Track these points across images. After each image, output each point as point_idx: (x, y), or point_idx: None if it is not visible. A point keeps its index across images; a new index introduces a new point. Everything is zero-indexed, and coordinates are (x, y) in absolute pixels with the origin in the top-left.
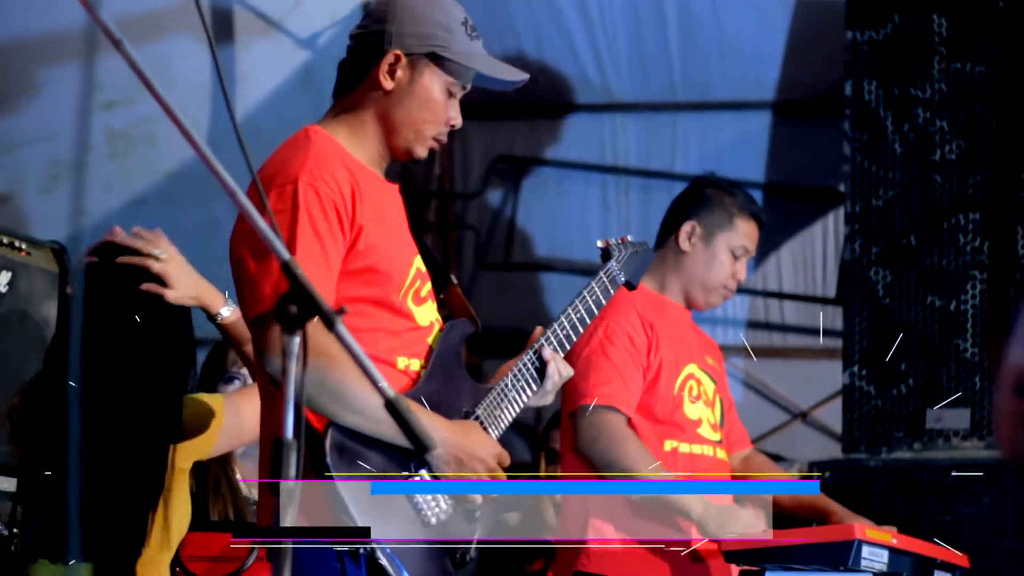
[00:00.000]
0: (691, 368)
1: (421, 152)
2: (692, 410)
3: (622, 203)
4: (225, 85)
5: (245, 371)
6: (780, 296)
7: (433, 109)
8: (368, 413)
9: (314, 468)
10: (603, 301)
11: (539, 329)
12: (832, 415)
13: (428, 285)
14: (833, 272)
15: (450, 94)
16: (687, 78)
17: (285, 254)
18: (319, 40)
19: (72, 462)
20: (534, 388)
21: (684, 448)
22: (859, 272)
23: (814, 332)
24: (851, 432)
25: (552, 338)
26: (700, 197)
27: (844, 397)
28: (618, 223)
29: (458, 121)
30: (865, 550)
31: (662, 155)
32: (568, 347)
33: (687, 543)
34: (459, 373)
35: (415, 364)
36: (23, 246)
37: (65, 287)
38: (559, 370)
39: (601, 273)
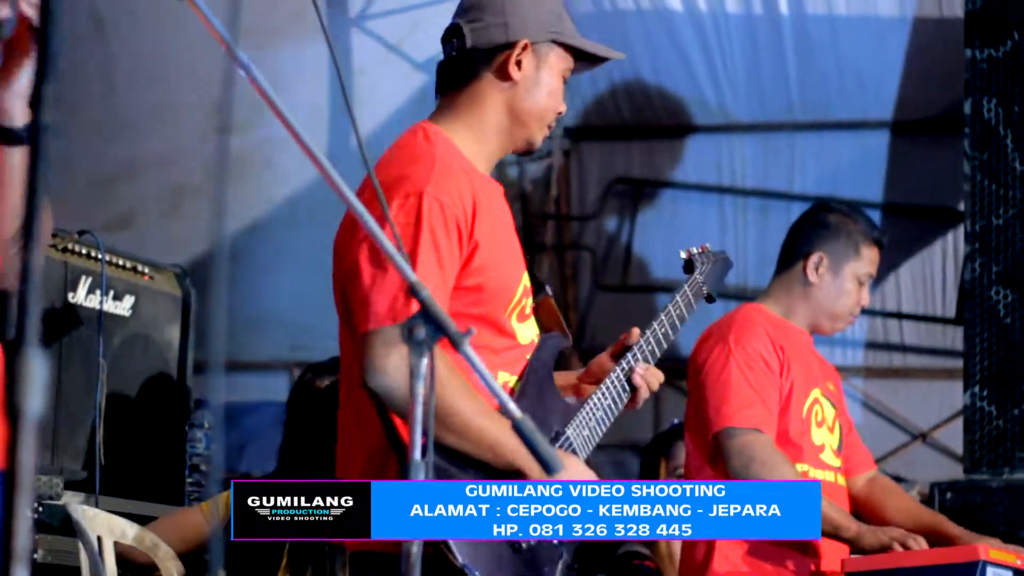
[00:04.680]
0: (816, 393)
1: (539, 142)
2: (817, 435)
3: (739, 224)
4: (351, 108)
5: None
6: (899, 316)
7: (556, 96)
8: (469, 436)
9: None
10: (686, 315)
11: (636, 332)
12: (953, 436)
13: (530, 300)
14: (953, 292)
15: (563, 79)
16: (805, 98)
17: (412, 276)
18: (436, 64)
19: None
20: (622, 402)
21: (811, 473)
22: (979, 291)
23: (934, 352)
24: (972, 453)
25: (639, 353)
26: (823, 225)
27: (965, 417)
28: (736, 244)
29: (564, 108)
30: (990, 571)
31: (780, 176)
32: (654, 360)
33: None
34: (550, 391)
35: (512, 381)
36: (146, 270)
37: (188, 312)
38: (649, 384)
39: (685, 286)
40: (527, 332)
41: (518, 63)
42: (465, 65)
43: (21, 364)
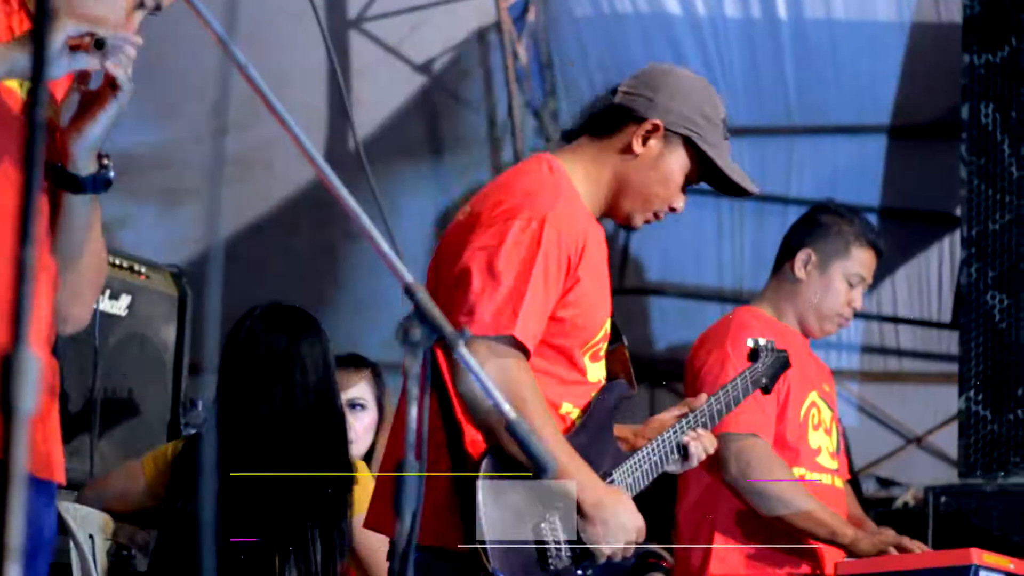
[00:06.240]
0: (813, 396)
1: (639, 222)
2: (814, 438)
3: (736, 227)
4: (350, 110)
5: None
6: (895, 320)
7: (668, 188)
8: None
9: (458, 491)
10: (741, 398)
11: (703, 398)
12: (948, 440)
13: (606, 345)
14: (949, 296)
15: (686, 179)
16: (802, 102)
17: (407, 277)
18: (435, 66)
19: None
20: (667, 462)
21: (807, 476)
22: (975, 296)
23: (929, 357)
24: (967, 457)
25: (694, 421)
26: (816, 224)
27: (960, 422)
28: (732, 248)
29: (680, 207)
30: (982, 575)
31: (777, 179)
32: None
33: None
34: (608, 434)
35: (575, 413)
36: (143, 270)
37: (184, 312)
38: (705, 449)
39: (747, 372)
40: (596, 372)
41: (645, 139)
42: (607, 119)
43: (15, 363)
